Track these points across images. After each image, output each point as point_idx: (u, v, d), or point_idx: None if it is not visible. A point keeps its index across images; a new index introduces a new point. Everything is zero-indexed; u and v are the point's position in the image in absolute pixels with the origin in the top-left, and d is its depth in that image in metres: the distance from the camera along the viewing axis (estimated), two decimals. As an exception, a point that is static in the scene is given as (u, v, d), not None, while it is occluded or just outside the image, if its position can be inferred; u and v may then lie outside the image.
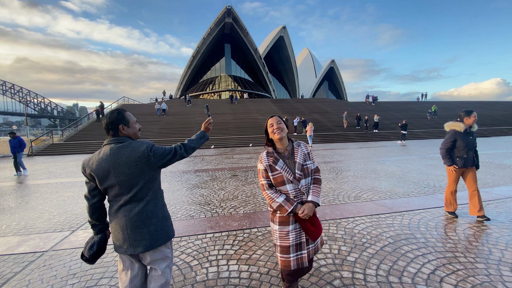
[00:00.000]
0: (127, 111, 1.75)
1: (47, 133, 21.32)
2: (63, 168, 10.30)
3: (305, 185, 1.82)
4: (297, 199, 1.79)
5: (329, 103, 37.35)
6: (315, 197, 1.80)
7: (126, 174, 1.60)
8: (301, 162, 1.82)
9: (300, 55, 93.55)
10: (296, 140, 1.98)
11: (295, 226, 1.81)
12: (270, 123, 1.87)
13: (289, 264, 1.80)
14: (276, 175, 1.79)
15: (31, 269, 2.66)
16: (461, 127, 3.63)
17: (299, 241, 1.82)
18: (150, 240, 1.63)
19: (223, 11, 46.67)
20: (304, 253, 1.82)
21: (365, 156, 11.18)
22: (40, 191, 6.33)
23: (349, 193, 5.18)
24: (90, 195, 1.66)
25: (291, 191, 1.78)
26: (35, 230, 3.76)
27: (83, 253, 1.68)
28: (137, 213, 1.62)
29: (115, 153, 1.60)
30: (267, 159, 1.83)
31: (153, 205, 1.67)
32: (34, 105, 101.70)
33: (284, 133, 1.85)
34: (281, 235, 1.83)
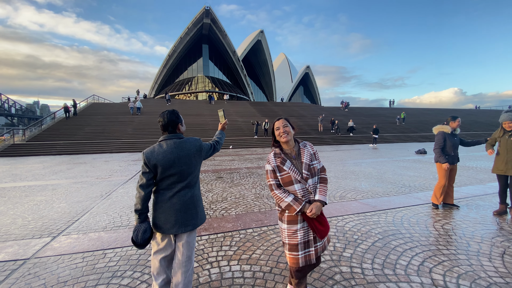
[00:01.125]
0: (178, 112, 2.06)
1: (8, 133, 19.38)
2: (29, 171, 9.46)
3: (312, 184, 1.87)
4: (305, 199, 1.83)
5: (305, 107, 38.48)
6: (322, 196, 1.86)
7: (187, 164, 1.92)
8: (308, 162, 1.88)
9: (277, 60, 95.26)
10: (303, 141, 2.06)
11: (303, 225, 1.87)
12: (277, 126, 1.93)
13: (298, 261, 1.86)
14: (284, 175, 1.84)
15: (16, 278, 2.44)
16: (448, 129, 4.28)
17: (307, 239, 1.87)
18: (197, 219, 1.98)
19: (201, 11, 46.12)
20: (311, 251, 1.88)
21: (342, 158, 11.71)
22: (8, 195, 5.76)
23: (334, 193, 5.41)
24: (147, 184, 1.84)
25: (299, 191, 1.83)
26: (11, 237, 3.43)
27: (134, 240, 1.83)
28: (190, 196, 1.95)
29: (179, 147, 1.91)
30: (275, 160, 1.88)
31: (198, 191, 2.04)
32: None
33: (290, 136, 1.91)
34: (289, 233, 1.88)
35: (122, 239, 3.33)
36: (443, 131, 4.29)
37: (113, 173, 8.63)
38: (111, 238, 3.37)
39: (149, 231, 1.87)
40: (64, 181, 7.46)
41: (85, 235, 3.51)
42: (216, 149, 2.25)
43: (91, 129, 20.76)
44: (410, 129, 27.76)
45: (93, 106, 29.38)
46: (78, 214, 4.43)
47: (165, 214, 1.88)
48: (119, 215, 4.31)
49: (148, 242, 1.87)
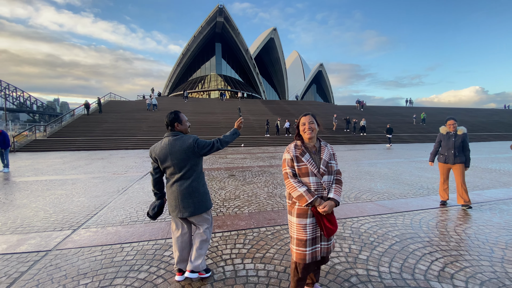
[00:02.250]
0: (181, 112, 2.39)
1: (30, 129, 20.33)
2: (50, 165, 9.87)
3: (327, 181, 1.88)
4: (317, 193, 1.84)
5: (318, 106, 38.03)
6: (337, 195, 1.87)
7: (178, 159, 2.24)
8: (327, 159, 1.91)
9: (289, 58, 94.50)
10: (324, 140, 2.06)
11: (312, 220, 1.87)
12: (303, 122, 1.95)
13: (305, 257, 1.85)
14: (302, 166, 1.86)
15: (38, 269, 2.55)
16: (443, 130, 4.50)
17: (315, 235, 1.88)
18: (194, 208, 2.29)
19: (215, 10, 46.39)
20: (318, 247, 1.89)
21: (356, 158, 11.47)
22: (30, 189, 6.04)
23: (348, 193, 5.31)
24: (154, 172, 2.35)
25: (313, 184, 1.84)
26: (34, 229, 3.59)
27: (148, 212, 2.43)
28: (186, 187, 2.27)
29: (172, 143, 2.24)
30: (295, 150, 1.91)
31: (196, 183, 2.31)
32: (13, 99, 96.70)
33: (315, 133, 1.93)
34: (298, 227, 1.87)
35: (139, 234, 3.41)
36: (441, 131, 4.55)
37: (129, 169, 8.86)
38: (128, 233, 3.46)
39: (157, 208, 2.39)
40: (83, 176, 7.72)
41: (103, 228, 3.62)
42: (215, 147, 2.36)
43: (108, 126, 21.41)
44: (427, 129, 26.84)
45: (110, 104, 30.29)
46: (97, 208, 4.57)
47: (170, 199, 2.32)
48: (136, 210, 4.41)
49: (157, 217, 2.42)
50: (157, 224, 3.78)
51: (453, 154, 4.32)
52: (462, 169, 4.29)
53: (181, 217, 2.30)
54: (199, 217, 2.38)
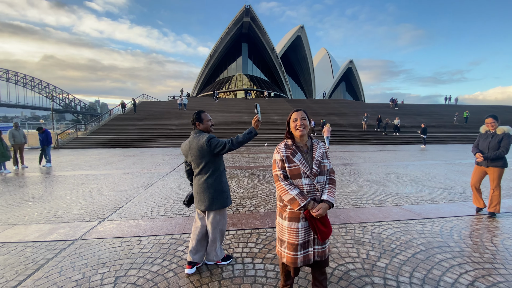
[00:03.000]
0: (204, 112, 2.59)
1: (72, 127, 22.32)
2: (87, 161, 10.72)
3: (320, 182, 1.76)
4: (310, 195, 1.73)
5: (346, 104, 36.62)
6: (331, 197, 1.75)
7: (195, 155, 2.47)
8: (319, 158, 1.79)
9: (317, 55, 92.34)
10: (315, 138, 1.94)
11: (305, 224, 1.76)
12: (294, 117, 1.82)
13: (296, 261, 1.76)
14: (293, 167, 1.75)
15: (63, 257, 2.76)
16: (483, 129, 4.09)
17: (307, 239, 1.78)
18: (208, 203, 2.45)
19: (242, 10, 46.87)
20: (311, 251, 1.78)
21: (386, 159, 10.82)
22: (67, 182, 6.61)
23: (373, 196, 5.01)
24: (185, 164, 2.66)
25: (306, 186, 1.73)
26: (65, 219, 3.91)
27: (184, 200, 2.68)
28: (202, 182, 2.47)
29: (191, 141, 2.50)
30: (285, 151, 1.80)
31: (212, 179, 2.46)
32: (59, 100, 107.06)
33: (306, 130, 1.82)
34: (290, 231, 1.78)
35: (157, 228, 3.54)
36: (480, 131, 4.18)
37: (156, 166, 9.29)
38: (147, 226, 3.61)
39: (189, 197, 2.66)
40: (115, 171, 8.26)
41: (125, 221, 3.82)
42: (227, 148, 2.41)
43: (140, 125, 22.71)
44: (469, 129, 24.47)
45: (143, 104, 32.11)
46: (122, 202, 4.85)
47: (193, 190, 2.58)
48: (157, 205, 4.60)
49: (190, 204, 2.67)
50: (175, 219, 3.90)
51: (489, 157, 3.87)
52: (497, 173, 3.82)
53: (199, 209, 2.52)
54: (211, 214, 2.51)
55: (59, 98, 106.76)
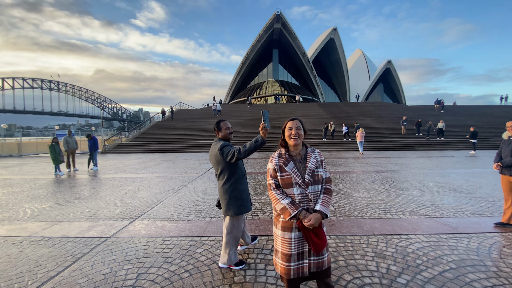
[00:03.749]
0: (225, 120, 2.78)
1: (117, 134, 24.57)
2: (128, 165, 11.70)
3: (313, 191, 1.72)
4: (302, 205, 1.70)
5: (383, 107, 34.55)
6: (324, 207, 1.68)
7: (212, 162, 2.69)
8: (313, 167, 1.75)
9: (352, 57, 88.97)
10: (311, 147, 1.90)
11: (299, 235, 1.72)
12: (289, 126, 1.81)
13: (289, 272, 1.71)
14: (285, 176, 1.74)
15: (96, 252, 3.08)
16: (506, 135, 3.94)
17: (301, 250, 1.72)
18: (224, 208, 2.67)
19: (272, 17, 47.42)
20: (305, 263, 1.72)
21: (426, 166, 9.95)
22: (109, 184, 7.31)
23: (404, 207, 4.67)
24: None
25: (297, 195, 1.70)
26: (102, 218, 4.34)
27: (216, 203, 2.87)
28: (220, 188, 2.69)
29: (212, 148, 2.71)
30: (278, 160, 1.79)
31: (227, 186, 2.63)
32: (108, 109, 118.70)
33: (301, 140, 1.79)
34: (283, 241, 1.75)
35: (180, 230, 3.74)
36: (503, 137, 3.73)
37: (187, 170, 9.78)
38: (171, 228, 3.83)
39: (217, 201, 2.83)
40: (150, 175, 8.89)
41: (153, 222, 4.10)
42: (235, 157, 2.48)
43: (177, 131, 24.10)
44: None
45: (179, 112, 34.07)
46: (153, 204, 5.21)
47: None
48: (183, 208, 4.85)
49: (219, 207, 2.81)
50: (198, 222, 4.08)
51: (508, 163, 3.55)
52: None
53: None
54: (226, 219, 2.72)
55: (108, 107, 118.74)
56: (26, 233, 3.67)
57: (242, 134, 21.72)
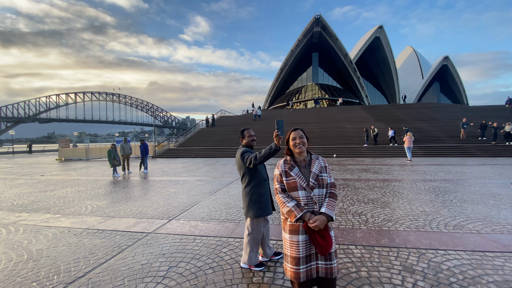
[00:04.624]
0: (248, 129, 3.03)
1: (166, 140, 26.87)
2: (173, 169, 12.76)
3: (318, 195, 1.80)
4: (307, 207, 1.77)
5: (439, 109, 31.13)
6: (329, 210, 1.76)
7: (236, 167, 2.94)
8: (317, 172, 1.84)
9: (401, 55, 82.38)
10: (315, 154, 1.99)
11: (306, 238, 1.78)
12: (293, 136, 1.93)
13: (299, 276, 1.75)
14: (290, 181, 1.84)
15: (138, 245, 3.52)
16: None
17: (309, 253, 1.78)
18: (244, 210, 2.86)
19: (312, 21, 46.83)
20: (313, 265, 1.77)
21: (486, 175, 8.72)
22: (155, 186, 8.11)
23: (448, 220, 4.23)
24: None
25: (303, 198, 1.79)
26: (146, 216, 4.89)
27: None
28: (242, 191, 2.91)
29: (236, 153, 2.91)
30: (284, 166, 1.91)
31: (248, 189, 2.83)
32: (160, 118, 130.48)
33: (305, 148, 1.91)
34: (291, 244, 1.81)
35: (209, 230, 4.03)
36: None
37: (225, 174, 10.26)
38: (203, 227, 4.14)
39: None
40: (191, 178, 9.57)
41: (188, 222, 4.48)
42: (252, 163, 2.66)
43: (218, 137, 25.34)
44: None
45: (221, 119, 35.74)
46: (190, 205, 5.65)
47: None
48: (216, 210, 5.17)
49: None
50: (227, 223, 4.32)
51: None
52: None
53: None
54: (247, 220, 2.90)
55: (160, 116, 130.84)
56: (85, 226, 4.36)
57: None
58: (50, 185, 8.70)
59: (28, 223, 4.58)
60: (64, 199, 6.41)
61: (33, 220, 4.71)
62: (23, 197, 6.76)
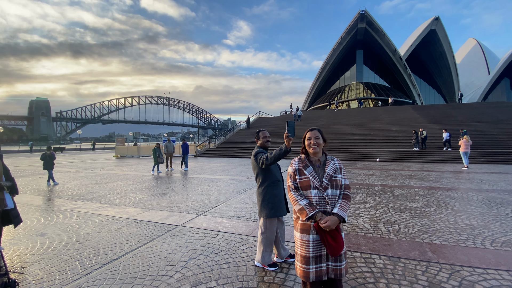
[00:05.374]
0: (263, 130, 3.10)
1: (207, 140, 28.31)
2: (211, 168, 13.41)
3: (330, 195, 1.79)
4: (320, 207, 1.77)
5: (506, 108, 26.77)
6: (342, 211, 1.74)
7: (251, 167, 3.03)
8: (331, 173, 1.84)
9: (462, 49, 73.04)
10: (331, 155, 1.96)
11: (317, 237, 1.77)
12: (308, 137, 1.93)
13: (308, 275, 1.76)
14: (303, 179, 1.84)
15: (167, 235, 3.85)
16: None
17: (319, 253, 1.77)
18: (259, 210, 2.91)
19: (356, 17, 44.51)
20: (324, 266, 1.76)
21: None
22: (192, 183, 8.67)
23: (497, 236, 3.69)
24: None
25: (315, 198, 1.79)
26: (178, 210, 5.29)
27: None
28: (256, 190, 2.99)
29: (252, 153, 2.98)
30: (298, 164, 1.92)
31: (261, 189, 2.89)
32: (204, 119, 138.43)
33: (320, 149, 1.90)
34: (302, 243, 1.82)
35: (232, 227, 4.19)
36: None
37: (257, 175, 10.42)
38: (227, 224, 4.33)
39: None
40: (225, 177, 9.96)
41: (214, 218, 4.72)
42: (264, 163, 2.71)
43: (253, 138, 25.74)
44: None
45: (259, 120, 36.22)
46: (219, 202, 5.92)
47: None
48: (241, 209, 5.34)
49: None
50: (249, 222, 4.44)
51: None
52: None
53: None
54: (261, 220, 2.94)
55: (204, 117, 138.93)
56: (126, 215, 4.91)
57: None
58: (104, 178, 9.93)
59: (81, 210, 5.34)
60: (113, 191, 7.28)
61: (86, 208, 5.48)
62: (81, 188, 7.87)
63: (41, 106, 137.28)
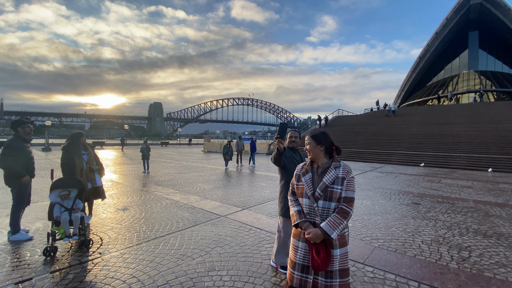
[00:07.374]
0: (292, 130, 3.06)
1: (280, 139, 29.04)
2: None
3: (322, 207, 1.67)
4: (309, 217, 1.72)
5: None
6: (328, 226, 1.60)
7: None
8: (327, 183, 1.68)
9: None
10: (339, 162, 1.75)
11: (305, 246, 1.71)
12: (306, 142, 1.87)
13: (293, 279, 1.72)
14: (299, 186, 1.80)
15: (207, 224, 4.32)
16: None
17: (306, 264, 1.69)
18: (278, 208, 2.93)
19: (471, -10, 35.62)
20: (310, 278, 1.67)
21: None
22: (252, 179, 9.17)
23: None
24: None
25: (305, 207, 1.75)
26: (228, 202, 5.77)
27: None
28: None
29: None
30: (300, 169, 1.86)
31: (280, 188, 2.94)
32: (283, 118, 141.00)
33: (314, 154, 1.80)
34: (292, 247, 1.83)
35: (266, 224, 4.32)
36: None
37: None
38: (263, 221, 4.47)
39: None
40: (287, 176, 10.03)
41: (255, 213, 4.94)
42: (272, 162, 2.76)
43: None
44: None
45: (337, 118, 34.17)
46: (267, 199, 6.09)
47: None
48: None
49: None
50: (287, 223, 4.43)
51: None
52: None
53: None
54: (279, 218, 2.92)
55: (284, 116, 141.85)
56: (186, 201, 5.73)
57: (412, 142, 18.41)
58: (186, 169, 11.67)
59: (158, 193, 6.54)
60: (187, 180, 8.53)
61: (161, 192, 6.67)
62: (166, 176, 9.53)
63: (157, 108, 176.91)
